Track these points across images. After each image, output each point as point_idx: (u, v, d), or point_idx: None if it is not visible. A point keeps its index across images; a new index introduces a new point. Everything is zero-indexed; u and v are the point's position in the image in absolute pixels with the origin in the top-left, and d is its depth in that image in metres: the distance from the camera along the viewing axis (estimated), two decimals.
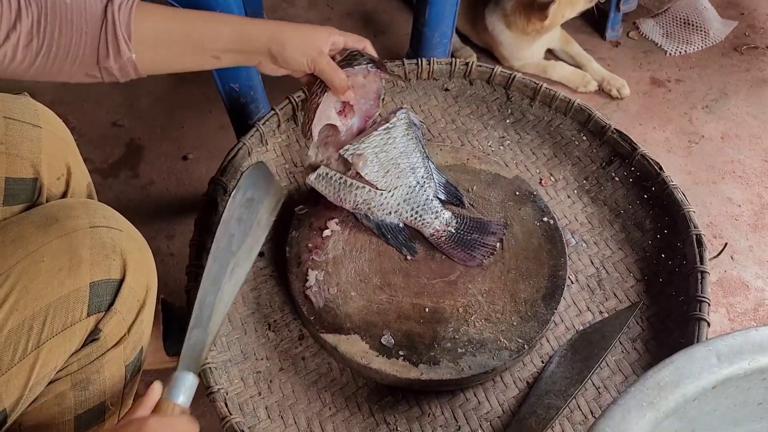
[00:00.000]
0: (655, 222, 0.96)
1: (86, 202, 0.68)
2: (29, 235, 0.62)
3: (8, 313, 0.60)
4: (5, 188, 0.66)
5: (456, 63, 1.09)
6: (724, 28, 1.70)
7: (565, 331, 0.88)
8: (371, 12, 1.80)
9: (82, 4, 0.65)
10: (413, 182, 0.89)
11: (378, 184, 0.87)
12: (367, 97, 0.86)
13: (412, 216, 0.89)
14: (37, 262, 0.61)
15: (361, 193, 0.87)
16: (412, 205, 0.89)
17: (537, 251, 0.91)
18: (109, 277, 0.65)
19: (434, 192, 0.91)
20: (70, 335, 0.63)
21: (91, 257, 0.64)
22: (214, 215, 0.93)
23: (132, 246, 0.68)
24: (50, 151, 0.69)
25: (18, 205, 0.68)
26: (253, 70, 1.14)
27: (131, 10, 0.67)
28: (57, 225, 0.64)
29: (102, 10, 0.65)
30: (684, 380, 0.57)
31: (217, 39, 0.72)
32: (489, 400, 0.83)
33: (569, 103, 1.05)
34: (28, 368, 0.62)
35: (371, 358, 0.80)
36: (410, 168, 0.89)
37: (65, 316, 0.63)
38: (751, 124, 1.53)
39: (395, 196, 0.88)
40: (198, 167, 1.45)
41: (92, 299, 0.64)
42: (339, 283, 0.87)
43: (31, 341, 0.61)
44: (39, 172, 0.68)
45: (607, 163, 1.03)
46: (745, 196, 1.40)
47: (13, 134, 0.66)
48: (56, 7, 0.63)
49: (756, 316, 1.22)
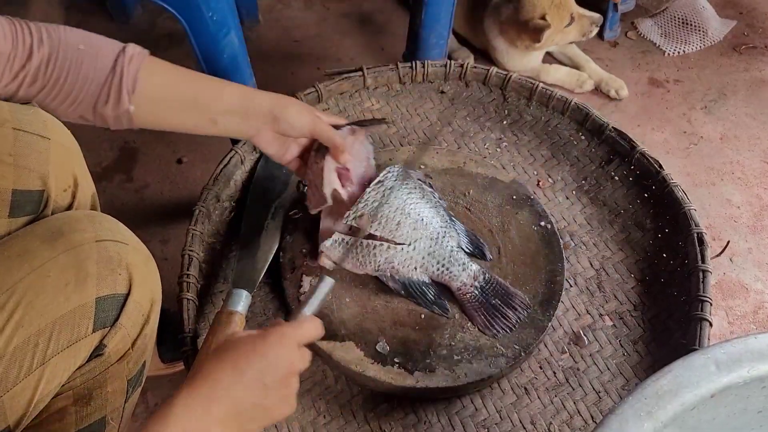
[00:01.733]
0: (655, 221, 0.95)
1: (91, 214, 0.67)
2: (35, 250, 0.61)
3: (14, 330, 0.58)
4: (12, 200, 0.65)
5: (451, 65, 1.08)
6: (723, 27, 1.69)
7: (563, 335, 0.87)
8: (367, 13, 1.79)
9: (95, 52, 0.66)
10: (433, 233, 0.85)
11: (395, 237, 0.84)
12: (359, 159, 0.86)
13: (438, 270, 0.84)
14: (43, 277, 0.60)
15: (381, 251, 0.84)
16: (437, 258, 0.84)
17: (534, 256, 0.90)
18: (115, 292, 0.64)
19: (457, 242, 0.87)
20: (75, 351, 0.62)
21: (97, 272, 0.63)
22: (206, 224, 0.92)
23: (137, 259, 0.67)
24: (58, 162, 0.68)
25: (23, 217, 0.67)
26: (247, 72, 1.13)
27: (141, 64, 0.68)
28: (63, 239, 0.62)
29: (113, 60, 0.67)
30: (682, 389, 0.56)
31: (221, 100, 0.73)
32: (486, 406, 0.82)
33: (566, 102, 1.04)
34: (33, 385, 0.61)
35: (366, 365, 0.79)
36: (424, 217, 0.86)
37: (71, 332, 0.61)
38: (750, 124, 1.52)
39: (418, 250, 0.85)
40: (193, 170, 1.44)
41: (98, 315, 0.63)
42: (333, 289, 0.85)
43: (37, 358, 0.60)
44: (46, 184, 0.67)
45: (606, 162, 1.02)
46: (744, 198, 1.39)
47: (22, 146, 0.65)
48: (68, 52, 0.65)
49: (755, 318, 1.21)
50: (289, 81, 1.62)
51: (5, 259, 0.61)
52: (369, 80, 1.09)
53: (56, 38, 0.66)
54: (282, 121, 0.76)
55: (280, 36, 1.73)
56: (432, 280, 0.85)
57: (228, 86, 0.75)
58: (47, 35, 0.65)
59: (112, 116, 0.69)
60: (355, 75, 1.08)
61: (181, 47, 1.67)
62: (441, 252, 0.84)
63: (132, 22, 1.72)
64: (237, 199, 0.98)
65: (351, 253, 0.84)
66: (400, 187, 0.86)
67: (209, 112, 0.74)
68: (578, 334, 0.87)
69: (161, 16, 1.75)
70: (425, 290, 0.84)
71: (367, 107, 1.10)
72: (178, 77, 0.73)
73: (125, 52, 0.67)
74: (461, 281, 0.84)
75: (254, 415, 0.57)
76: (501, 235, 0.92)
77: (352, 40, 1.72)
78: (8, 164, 0.64)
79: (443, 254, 0.84)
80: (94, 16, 1.72)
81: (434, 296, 0.84)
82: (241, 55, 1.09)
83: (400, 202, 0.85)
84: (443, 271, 0.84)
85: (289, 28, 1.75)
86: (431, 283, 0.85)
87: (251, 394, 0.56)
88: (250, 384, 0.56)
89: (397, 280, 0.84)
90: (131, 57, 0.68)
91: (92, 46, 0.67)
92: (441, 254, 0.84)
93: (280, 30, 1.74)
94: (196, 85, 0.73)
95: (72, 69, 0.65)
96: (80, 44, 0.66)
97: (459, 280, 0.84)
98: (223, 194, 0.96)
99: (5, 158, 0.64)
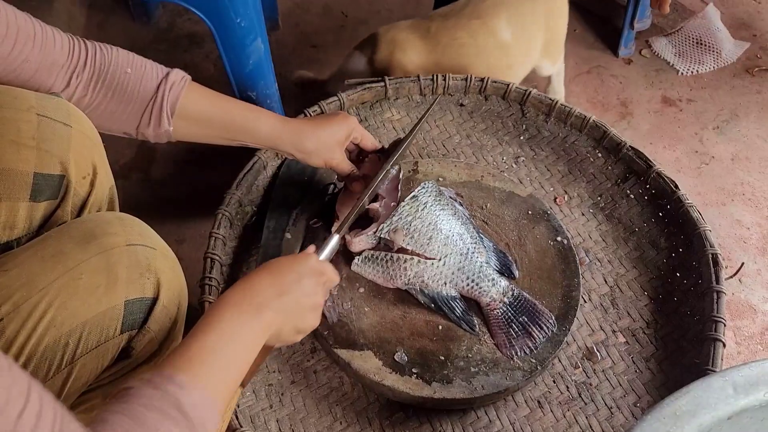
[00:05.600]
0: (670, 240, 0.96)
1: (122, 217, 0.69)
2: (68, 252, 0.63)
3: (46, 329, 0.60)
4: (33, 183, 0.67)
5: (471, 78, 1.10)
6: (737, 49, 1.71)
7: (577, 350, 0.89)
8: (385, 20, 1.80)
9: (140, 76, 0.74)
10: (463, 249, 0.87)
11: (426, 252, 0.85)
12: (390, 195, 0.90)
13: (468, 285, 0.86)
14: (76, 279, 0.62)
15: (412, 265, 0.85)
16: (467, 273, 0.86)
17: (550, 271, 0.91)
18: (143, 295, 0.66)
19: (486, 259, 0.88)
20: (103, 352, 0.64)
21: (127, 276, 0.65)
22: (228, 229, 0.94)
23: (165, 265, 0.69)
24: (78, 149, 0.70)
25: (44, 202, 0.69)
26: (271, 79, 1.14)
27: (181, 90, 0.76)
28: (95, 242, 0.64)
29: (156, 85, 0.75)
30: (701, 410, 0.57)
31: (252, 134, 0.82)
32: (500, 418, 0.83)
33: (584, 119, 1.05)
34: (61, 383, 0.62)
35: (384, 374, 0.81)
36: (455, 233, 0.87)
37: (100, 333, 0.63)
38: (761, 146, 1.53)
39: (447, 265, 0.86)
40: (211, 172, 1.45)
41: (126, 317, 0.65)
42: (353, 299, 0.87)
43: (66, 356, 0.62)
44: (67, 170, 0.69)
45: (622, 181, 1.03)
46: (754, 219, 1.40)
47: (45, 131, 0.67)
48: (116, 73, 0.73)
49: (763, 340, 1.23)
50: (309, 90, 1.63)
51: (39, 260, 0.63)
52: (390, 91, 1.10)
53: (108, 58, 0.73)
54: (301, 161, 0.86)
55: (299, 41, 1.74)
56: (461, 295, 0.87)
57: (259, 119, 0.82)
58: (100, 53, 0.73)
59: (152, 135, 0.78)
60: (377, 85, 1.09)
61: (202, 48, 1.68)
62: (470, 267, 0.86)
63: (153, 23, 1.74)
64: (258, 205, 1.00)
65: (381, 267, 0.86)
66: (434, 203, 0.88)
67: (240, 140, 0.83)
68: (591, 349, 0.88)
69: (182, 17, 1.77)
70: (454, 305, 0.85)
71: (387, 117, 1.11)
72: (215, 105, 0.80)
73: (168, 79, 0.75)
74: (491, 296, 0.85)
75: (292, 309, 0.65)
76: (518, 249, 0.93)
77: None
78: (31, 147, 0.66)
79: (473, 270, 0.86)
80: (115, 15, 1.73)
81: (462, 311, 0.85)
82: (266, 61, 1.10)
83: (432, 218, 0.87)
84: (473, 287, 0.86)
85: (308, 33, 1.76)
86: (460, 298, 0.86)
87: (289, 291, 0.65)
88: (289, 285, 0.65)
89: (426, 294, 0.85)
90: (173, 83, 0.75)
91: (138, 69, 0.74)
92: (471, 269, 0.86)
93: (299, 35, 1.76)
94: (231, 114, 0.81)
95: (118, 90, 0.73)
96: (128, 68, 0.73)
97: (488, 295, 0.85)
98: (245, 199, 0.98)
99: (28, 142, 0.66)
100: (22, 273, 0.61)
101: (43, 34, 0.69)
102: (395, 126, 1.10)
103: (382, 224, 0.86)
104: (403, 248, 0.85)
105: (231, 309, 0.60)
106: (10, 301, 0.60)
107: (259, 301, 0.62)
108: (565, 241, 0.94)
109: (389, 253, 0.86)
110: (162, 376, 0.52)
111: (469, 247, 0.87)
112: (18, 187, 0.66)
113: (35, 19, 0.69)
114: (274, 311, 0.63)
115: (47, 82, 0.70)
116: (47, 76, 0.70)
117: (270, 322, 0.63)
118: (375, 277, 0.87)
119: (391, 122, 1.11)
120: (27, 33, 0.67)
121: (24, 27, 0.67)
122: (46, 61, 0.69)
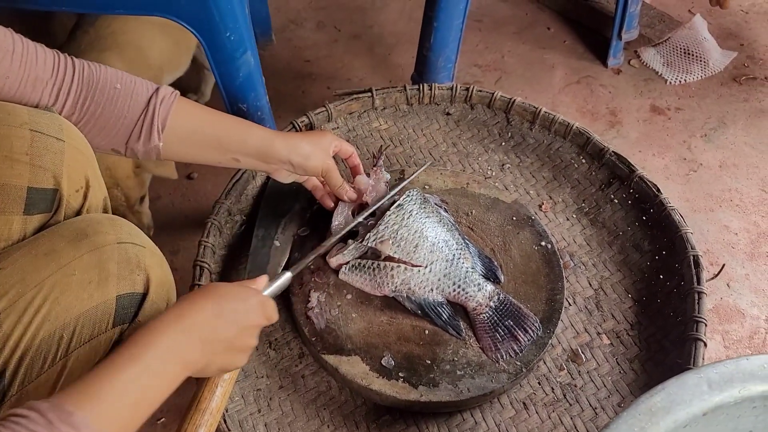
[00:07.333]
0: (653, 243, 0.98)
1: (112, 218, 0.72)
2: (61, 249, 0.66)
3: (41, 323, 0.63)
4: (27, 198, 0.69)
5: (457, 88, 1.12)
6: (724, 58, 1.73)
7: (561, 352, 0.90)
8: (377, 35, 1.83)
9: (130, 92, 0.75)
10: (449, 255, 0.88)
11: (412, 259, 0.87)
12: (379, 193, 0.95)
13: (454, 290, 0.87)
14: (69, 275, 0.65)
15: (398, 273, 0.87)
16: (453, 279, 0.87)
17: (535, 275, 0.92)
18: (133, 290, 0.68)
19: (471, 264, 0.90)
20: (96, 345, 0.66)
21: (118, 272, 0.67)
22: (217, 237, 0.95)
23: (154, 262, 0.71)
24: (71, 164, 0.72)
25: (37, 215, 0.71)
26: (261, 91, 1.16)
27: (171, 105, 0.77)
28: (87, 240, 0.67)
29: (146, 99, 0.75)
30: (675, 406, 0.58)
31: (242, 144, 0.82)
32: (486, 420, 0.84)
33: (568, 126, 1.07)
34: (56, 376, 0.64)
35: (372, 379, 0.82)
36: (441, 240, 0.89)
37: (93, 326, 0.66)
38: (748, 153, 1.55)
39: (434, 272, 0.88)
40: (204, 184, 1.47)
41: (118, 311, 0.67)
42: (340, 305, 0.88)
43: (61, 349, 0.64)
44: (60, 184, 0.71)
45: (605, 185, 1.05)
46: (741, 225, 1.41)
47: (38, 146, 0.69)
48: (105, 89, 0.74)
49: (751, 343, 1.23)
50: (300, 99, 1.66)
51: (33, 258, 0.66)
52: (378, 101, 1.12)
53: (96, 75, 0.74)
54: (297, 167, 0.86)
55: (292, 55, 1.77)
56: (447, 300, 0.88)
57: (250, 131, 0.83)
58: (89, 70, 0.74)
59: (142, 151, 0.78)
60: (364, 96, 1.11)
61: None
62: (457, 273, 0.87)
63: None
64: (248, 214, 1.01)
65: (369, 275, 0.87)
66: (419, 211, 0.90)
67: (231, 153, 0.83)
68: (576, 351, 0.90)
69: None
70: (440, 310, 0.87)
71: (375, 127, 1.13)
72: (205, 120, 0.81)
73: (158, 94, 0.76)
74: (477, 301, 0.87)
75: (222, 350, 0.64)
76: (503, 255, 0.95)
77: (361, 62, 1.76)
78: (24, 163, 0.68)
79: (459, 275, 0.87)
80: None
81: (449, 316, 0.87)
82: (256, 74, 1.12)
83: (418, 225, 0.89)
84: (459, 292, 0.87)
85: (301, 48, 1.79)
86: (446, 303, 0.88)
87: (225, 329, 0.63)
88: (228, 318, 0.64)
89: (413, 300, 0.87)
90: (163, 98, 0.76)
91: (128, 85, 0.75)
92: (457, 275, 0.87)
93: (292, 49, 1.79)
94: (221, 127, 0.82)
95: (107, 106, 0.74)
96: (117, 83, 0.74)
97: (475, 300, 0.87)
98: (235, 208, 0.99)
99: (22, 157, 0.68)
100: (17, 270, 0.64)
101: (24, 49, 0.69)
102: (383, 135, 1.12)
103: (368, 233, 0.88)
104: (390, 256, 0.87)
105: (159, 338, 0.58)
106: (6, 297, 0.63)
107: (192, 335, 0.60)
108: (549, 245, 0.95)
109: (376, 261, 0.88)
110: (60, 411, 0.49)
111: (455, 253, 0.89)
112: (12, 202, 0.68)
113: (17, 35, 0.70)
114: (200, 353, 0.61)
115: (32, 98, 0.71)
116: (32, 91, 0.71)
117: (196, 360, 0.61)
118: (362, 285, 0.89)
119: (378, 131, 1.13)
120: (5, 48, 0.68)
121: (2, 42, 0.68)
122: (29, 77, 0.70)
